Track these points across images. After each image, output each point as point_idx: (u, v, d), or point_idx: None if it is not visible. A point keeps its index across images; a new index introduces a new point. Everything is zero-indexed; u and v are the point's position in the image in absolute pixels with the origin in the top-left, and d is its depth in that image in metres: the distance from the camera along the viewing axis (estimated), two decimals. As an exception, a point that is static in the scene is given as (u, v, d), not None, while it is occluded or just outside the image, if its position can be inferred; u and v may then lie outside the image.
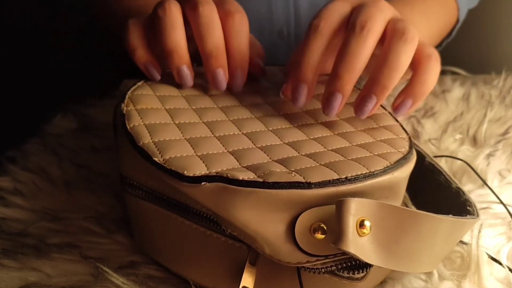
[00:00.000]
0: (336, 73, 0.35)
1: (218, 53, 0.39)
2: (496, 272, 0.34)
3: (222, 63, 0.39)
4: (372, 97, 0.35)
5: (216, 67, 0.39)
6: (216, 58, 0.39)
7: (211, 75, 0.39)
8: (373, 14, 0.36)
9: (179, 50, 0.39)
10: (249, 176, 0.28)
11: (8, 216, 0.42)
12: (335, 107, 0.36)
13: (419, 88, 0.37)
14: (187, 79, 0.40)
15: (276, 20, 0.68)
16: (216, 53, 0.39)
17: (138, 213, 0.35)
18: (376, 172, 0.30)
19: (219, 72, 0.39)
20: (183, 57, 0.39)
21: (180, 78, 0.40)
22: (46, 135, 0.55)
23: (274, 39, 0.69)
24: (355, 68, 0.35)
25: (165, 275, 0.35)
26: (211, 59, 0.39)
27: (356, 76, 0.35)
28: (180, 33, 0.39)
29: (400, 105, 0.38)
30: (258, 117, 0.38)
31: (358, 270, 0.28)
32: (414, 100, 0.37)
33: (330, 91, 0.35)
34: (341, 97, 0.35)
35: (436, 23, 0.60)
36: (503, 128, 0.52)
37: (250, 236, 0.28)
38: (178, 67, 0.39)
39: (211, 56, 0.39)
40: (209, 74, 0.39)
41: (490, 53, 0.93)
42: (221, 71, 0.39)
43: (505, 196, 0.42)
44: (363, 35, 0.35)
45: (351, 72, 0.35)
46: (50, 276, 0.35)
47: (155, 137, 0.33)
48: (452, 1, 0.64)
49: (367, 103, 0.35)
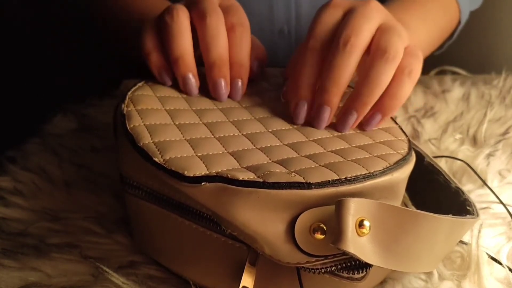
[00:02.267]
0: (323, 87, 0.37)
1: (221, 64, 0.40)
2: (496, 272, 0.34)
3: (224, 74, 0.40)
4: (353, 113, 0.37)
5: (219, 77, 0.40)
6: (219, 68, 0.40)
7: (212, 84, 0.40)
8: (359, 26, 0.36)
9: (186, 58, 0.39)
10: (249, 176, 0.28)
11: (8, 216, 0.42)
12: (325, 118, 0.37)
13: (389, 102, 0.37)
14: (192, 87, 0.40)
15: (277, 19, 0.68)
16: (219, 63, 0.40)
17: (138, 213, 0.35)
18: (375, 173, 0.30)
19: (221, 82, 0.40)
20: (189, 65, 0.40)
21: (185, 86, 0.40)
22: (46, 135, 0.55)
23: (275, 37, 0.69)
24: (340, 82, 0.36)
25: (165, 275, 0.35)
26: (215, 69, 0.40)
27: (342, 89, 0.37)
28: (187, 40, 0.40)
29: (369, 118, 0.38)
30: (258, 119, 0.38)
31: (358, 270, 0.28)
32: (384, 114, 0.38)
33: (318, 104, 0.37)
34: (329, 110, 0.37)
35: (435, 26, 0.60)
36: (503, 128, 0.53)
37: (250, 236, 0.28)
38: (183, 75, 0.40)
39: (214, 66, 0.40)
40: (211, 83, 0.40)
41: (490, 53, 0.93)
42: (222, 81, 0.40)
43: (505, 196, 0.42)
44: (347, 51, 0.36)
45: (336, 86, 0.36)
46: (50, 276, 0.35)
47: (155, 138, 0.33)
48: (453, 3, 0.64)
49: (348, 118, 0.37)
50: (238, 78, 0.41)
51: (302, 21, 0.68)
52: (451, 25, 0.65)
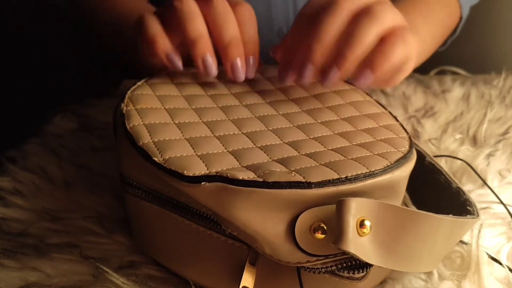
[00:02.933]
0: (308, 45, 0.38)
1: (237, 43, 0.40)
2: (496, 272, 0.34)
3: (240, 52, 0.40)
4: (333, 67, 0.38)
5: (236, 56, 0.40)
6: (236, 47, 0.40)
7: (231, 64, 0.40)
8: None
9: (203, 39, 0.39)
10: (249, 176, 0.28)
11: (8, 216, 0.41)
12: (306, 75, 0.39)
13: (378, 58, 0.38)
14: (212, 68, 0.40)
15: (275, 19, 0.68)
16: (235, 43, 0.40)
17: (138, 213, 0.35)
18: (376, 172, 0.30)
19: (238, 62, 0.40)
20: (207, 46, 0.40)
21: (205, 66, 0.40)
22: (46, 135, 0.55)
23: (273, 38, 0.69)
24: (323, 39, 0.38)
25: (165, 275, 0.35)
26: (231, 49, 0.40)
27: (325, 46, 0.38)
28: (201, 22, 0.40)
29: (359, 75, 0.39)
30: (258, 117, 0.38)
31: (358, 270, 0.28)
32: (373, 70, 0.38)
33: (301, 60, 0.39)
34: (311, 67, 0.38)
35: (439, 26, 0.61)
36: (503, 128, 0.53)
37: (250, 235, 0.28)
38: (203, 56, 0.39)
39: (230, 46, 0.40)
40: (228, 64, 0.40)
41: (490, 53, 0.93)
42: (239, 61, 0.40)
43: (505, 196, 0.42)
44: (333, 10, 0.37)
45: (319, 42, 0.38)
46: (50, 276, 0.35)
47: (155, 137, 0.33)
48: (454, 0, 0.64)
49: (329, 72, 0.38)
50: (251, 55, 0.41)
51: None
52: (453, 21, 0.65)
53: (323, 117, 0.38)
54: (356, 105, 0.40)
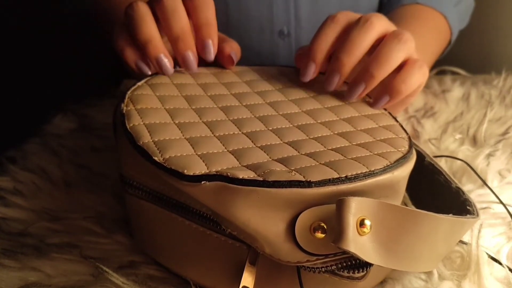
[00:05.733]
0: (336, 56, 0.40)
1: (185, 36, 0.41)
2: (496, 272, 0.34)
3: (190, 45, 0.41)
4: (361, 83, 0.40)
5: (185, 50, 0.41)
6: (183, 41, 0.41)
7: (181, 58, 0.41)
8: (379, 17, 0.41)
9: (153, 41, 0.40)
10: (249, 175, 0.28)
11: (8, 216, 0.41)
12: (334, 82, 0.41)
13: (398, 86, 0.40)
14: (167, 66, 0.41)
15: (276, 20, 0.68)
16: (183, 36, 0.41)
17: (138, 213, 0.35)
18: (376, 171, 0.30)
19: (189, 54, 0.41)
20: (159, 47, 0.40)
21: (160, 67, 0.41)
22: (46, 135, 0.55)
23: (275, 38, 0.69)
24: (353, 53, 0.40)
25: (165, 275, 0.35)
26: (179, 43, 0.41)
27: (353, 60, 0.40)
28: (151, 25, 0.41)
29: (377, 98, 0.40)
30: (258, 117, 0.38)
31: (358, 270, 0.28)
32: (391, 97, 0.40)
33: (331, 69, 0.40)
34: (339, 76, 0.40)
35: (432, 55, 0.64)
36: (503, 128, 0.53)
37: (250, 235, 0.28)
38: (156, 57, 0.40)
39: (178, 40, 0.41)
40: (179, 57, 0.41)
41: (490, 53, 0.93)
42: (190, 53, 0.41)
43: (505, 196, 0.42)
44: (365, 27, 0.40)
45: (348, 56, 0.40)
46: (50, 276, 0.35)
47: (155, 137, 0.33)
48: (446, 27, 0.66)
49: (356, 87, 0.40)
50: (208, 39, 0.41)
51: (302, 22, 0.68)
52: (444, 47, 0.68)
53: (323, 117, 0.38)
54: (355, 105, 0.40)
